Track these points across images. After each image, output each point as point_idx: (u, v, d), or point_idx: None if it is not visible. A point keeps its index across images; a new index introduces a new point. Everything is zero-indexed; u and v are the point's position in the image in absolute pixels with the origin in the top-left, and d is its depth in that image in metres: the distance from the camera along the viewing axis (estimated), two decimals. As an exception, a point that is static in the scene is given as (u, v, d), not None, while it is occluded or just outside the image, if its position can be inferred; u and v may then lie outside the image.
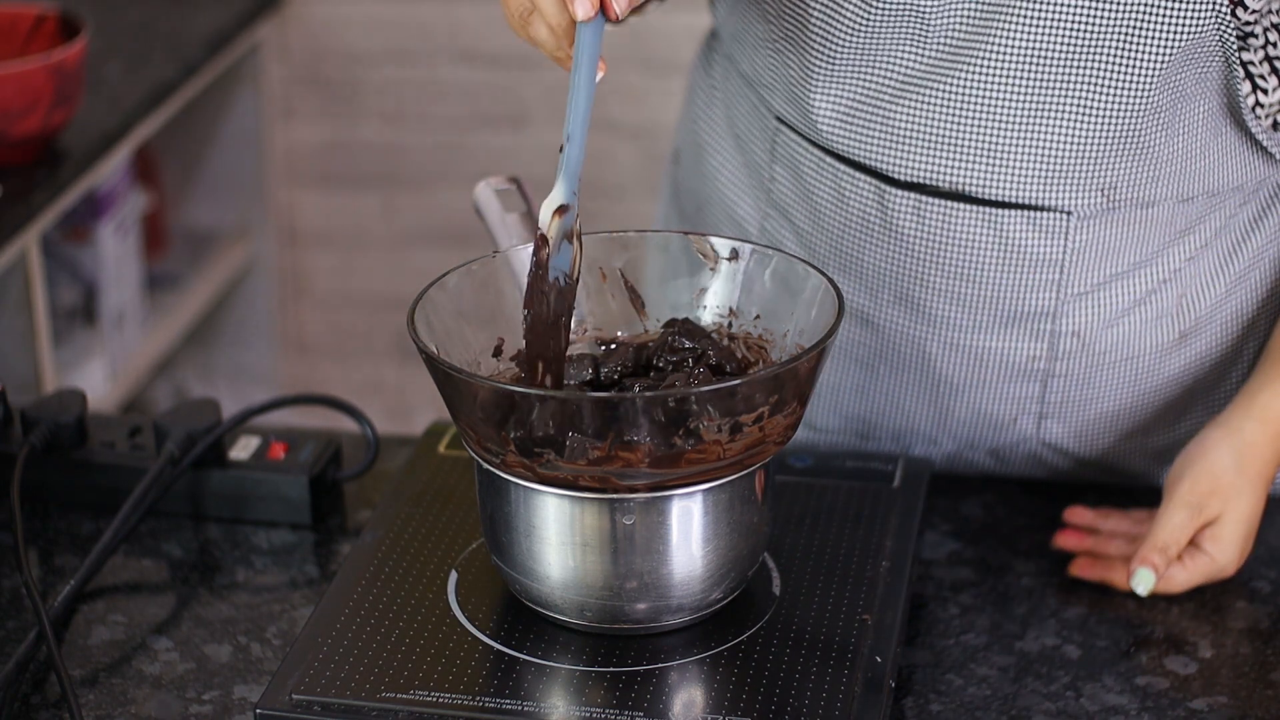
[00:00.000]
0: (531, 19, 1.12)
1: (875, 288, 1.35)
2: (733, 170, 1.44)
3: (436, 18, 2.97)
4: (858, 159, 1.31)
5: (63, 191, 2.23)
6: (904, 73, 1.27)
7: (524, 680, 1.12)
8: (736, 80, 1.42)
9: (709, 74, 1.48)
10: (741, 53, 1.39)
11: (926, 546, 1.32)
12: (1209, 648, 1.23)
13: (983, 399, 1.37)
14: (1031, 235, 1.29)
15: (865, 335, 1.38)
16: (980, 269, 1.31)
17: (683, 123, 1.53)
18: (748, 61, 1.38)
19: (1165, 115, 1.24)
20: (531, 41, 1.13)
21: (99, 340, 2.58)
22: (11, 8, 2.27)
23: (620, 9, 1.09)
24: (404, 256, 3.12)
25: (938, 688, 1.18)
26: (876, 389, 1.40)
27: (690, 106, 1.51)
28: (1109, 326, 1.34)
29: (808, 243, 1.38)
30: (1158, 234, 1.31)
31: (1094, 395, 1.37)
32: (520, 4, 1.12)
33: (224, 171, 2.94)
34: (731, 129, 1.44)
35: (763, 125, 1.39)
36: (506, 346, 1.22)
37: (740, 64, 1.40)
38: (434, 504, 1.29)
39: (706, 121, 1.47)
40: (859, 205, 1.33)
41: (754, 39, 1.35)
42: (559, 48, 1.12)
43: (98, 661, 1.21)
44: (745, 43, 1.37)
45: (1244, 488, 1.26)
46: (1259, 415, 1.28)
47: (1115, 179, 1.27)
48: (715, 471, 1.11)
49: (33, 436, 1.34)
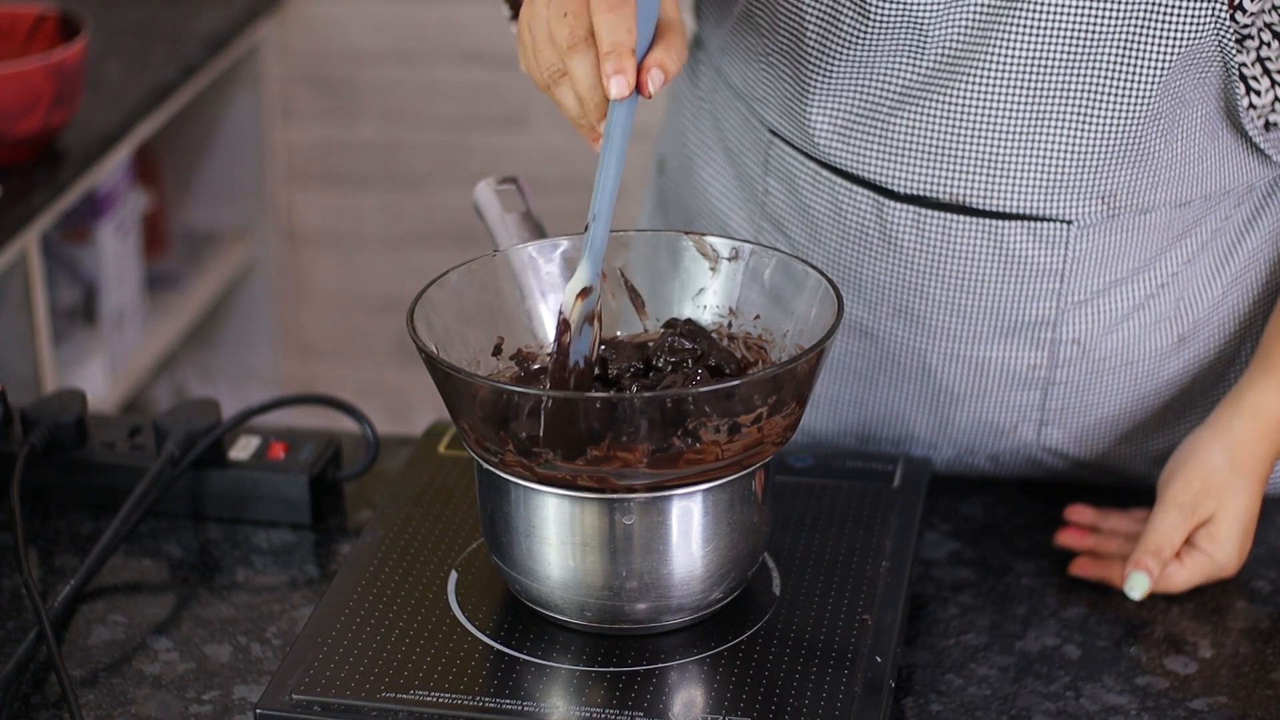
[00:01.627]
0: (561, 83, 1.08)
1: (874, 300, 1.35)
2: (724, 183, 1.43)
3: (436, 18, 2.97)
4: (855, 172, 1.31)
5: (63, 191, 2.23)
6: (902, 85, 1.26)
7: (524, 680, 1.12)
8: (725, 92, 1.41)
9: (695, 84, 1.46)
10: (731, 66, 1.38)
11: (926, 546, 1.32)
12: (1209, 648, 1.23)
13: (983, 408, 1.37)
14: (1032, 245, 1.29)
15: (864, 347, 1.38)
16: (980, 280, 1.31)
17: (667, 133, 1.51)
18: (738, 75, 1.37)
19: (1165, 121, 1.24)
20: (556, 102, 1.09)
21: (99, 340, 2.58)
22: (11, 8, 2.27)
23: (655, 87, 1.05)
24: (404, 256, 3.12)
25: (938, 688, 1.18)
26: (876, 400, 1.40)
27: (676, 118, 1.49)
28: (1109, 333, 1.33)
29: (804, 255, 1.37)
30: (1156, 239, 1.31)
31: (1094, 401, 1.36)
32: (551, 67, 1.08)
33: (224, 171, 2.94)
34: (722, 141, 1.42)
35: (755, 138, 1.38)
36: (506, 346, 1.22)
37: (730, 77, 1.39)
38: (434, 504, 1.29)
39: (695, 133, 1.46)
40: (857, 218, 1.32)
41: (745, 52, 1.34)
42: (583, 117, 1.08)
43: (98, 661, 1.21)
44: (735, 56, 1.36)
45: (1237, 485, 1.26)
46: (1248, 413, 1.28)
47: (1115, 187, 1.26)
48: (714, 472, 1.11)
49: (33, 436, 1.34)
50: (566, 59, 1.06)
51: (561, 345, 1.12)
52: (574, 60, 1.06)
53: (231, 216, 2.97)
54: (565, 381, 1.12)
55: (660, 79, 1.05)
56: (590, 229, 1.08)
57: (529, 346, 1.23)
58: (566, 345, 1.11)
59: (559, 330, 1.12)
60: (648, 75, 1.05)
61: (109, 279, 2.58)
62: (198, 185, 2.95)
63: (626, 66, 1.04)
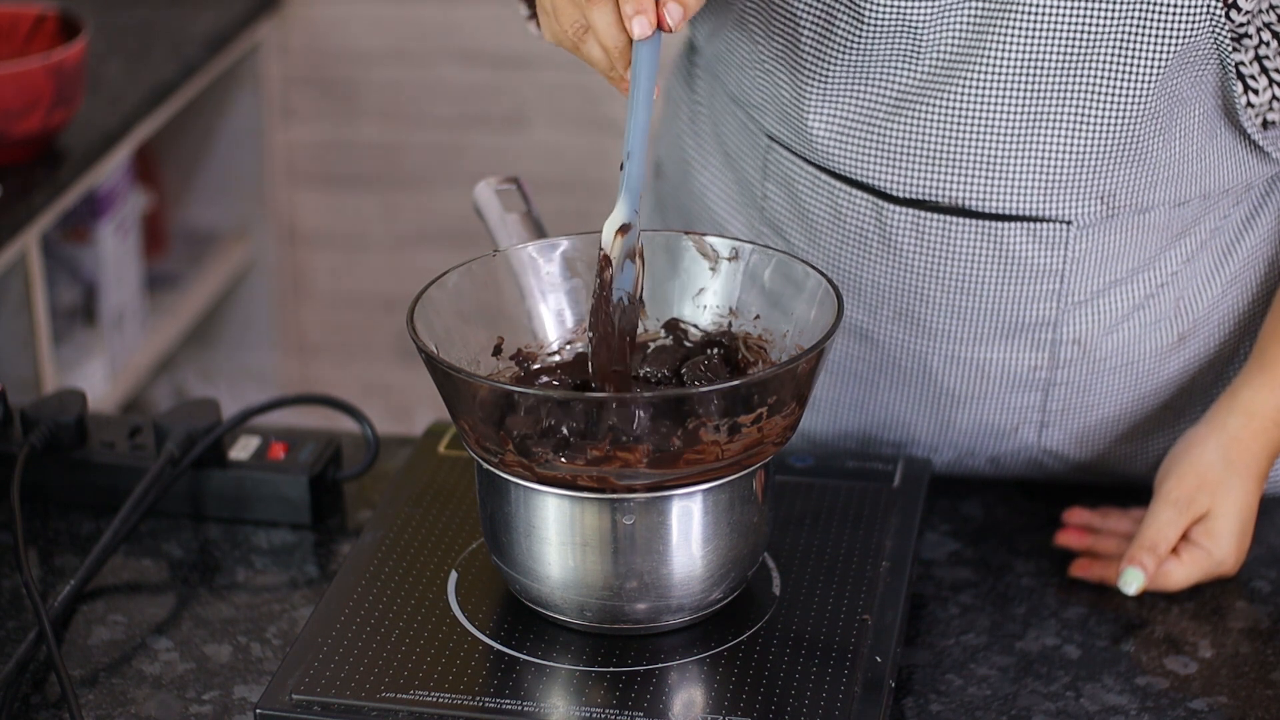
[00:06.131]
0: (585, 38, 1.12)
1: (874, 304, 1.35)
2: (723, 187, 1.43)
3: (436, 18, 2.97)
4: (854, 176, 1.31)
5: (63, 191, 2.23)
6: (899, 89, 1.26)
7: (524, 680, 1.12)
8: (722, 98, 1.41)
9: (692, 90, 1.46)
10: (727, 73, 1.38)
11: (926, 546, 1.32)
12: (1209, 648, 1.23)
13: (984, 410, 1.37)
14: (1031, 246, 1.29)
15: (864, 350, 1.38)
16: (980, 282, 1.31)
17: (664, 137, 1.52)
18: (734, 82, 1.37)
19: (1162, 120, 1.24)
20: (584, 59, 1.13)
21: (99, 340, 2.58)
22: (11, 8, 2.27)
23: (674, 21, 1.09)
24: (404, 256, 3.12)
25: (938, 688, 1.18)
26: (876, 403, 1.40)
27: (673, 122, 1.50)
28: (1109, 333, 1.33)
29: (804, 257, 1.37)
30: (1155, 238, 1.31)
31: (1095, 401, 1.37)
32: (574, 23, 1.12)
33: (224, 171, 2.94)
34: (720, 146, 1.43)
35: (753, 143, 1.38)
36: (506, 346, 1.22)
37: (727, 84, 1.39)
38: (434, 504, 1.29)
39: (692, 137, 1.46)
40: (856, 222, 1.32)
41: (740, 60, 1.34)
42: (612, 68, 1.12)
43: (98, 661, 1.21)
44: (731, 64, 1.36)
45: (1232, 481, 1.27)
46: (1243, 409, 1.28)
47: (1114, 187, 1.26)
48: (714, 472, 1.11)
49: (33, 436, 1.34)
50: (587, 13, 1.11)
51: (604, 280, 1.14)
52: (594, 12, 1.10)
53: (231, 216, 2.97)
54: (610, 316, 1.14)
55: (679, 13, 1.09)
56: (625, 166, 1.12)
57: (529, 346, 1.23)
58: (609, 280, 1.14)
59: (600, 266, 1.14)
60: (665, 10, 1.09)
61: (109, 279, 2.58)
62: (198, 185, 2.95)
63: (646, 6, 1.09)
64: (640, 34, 1.09)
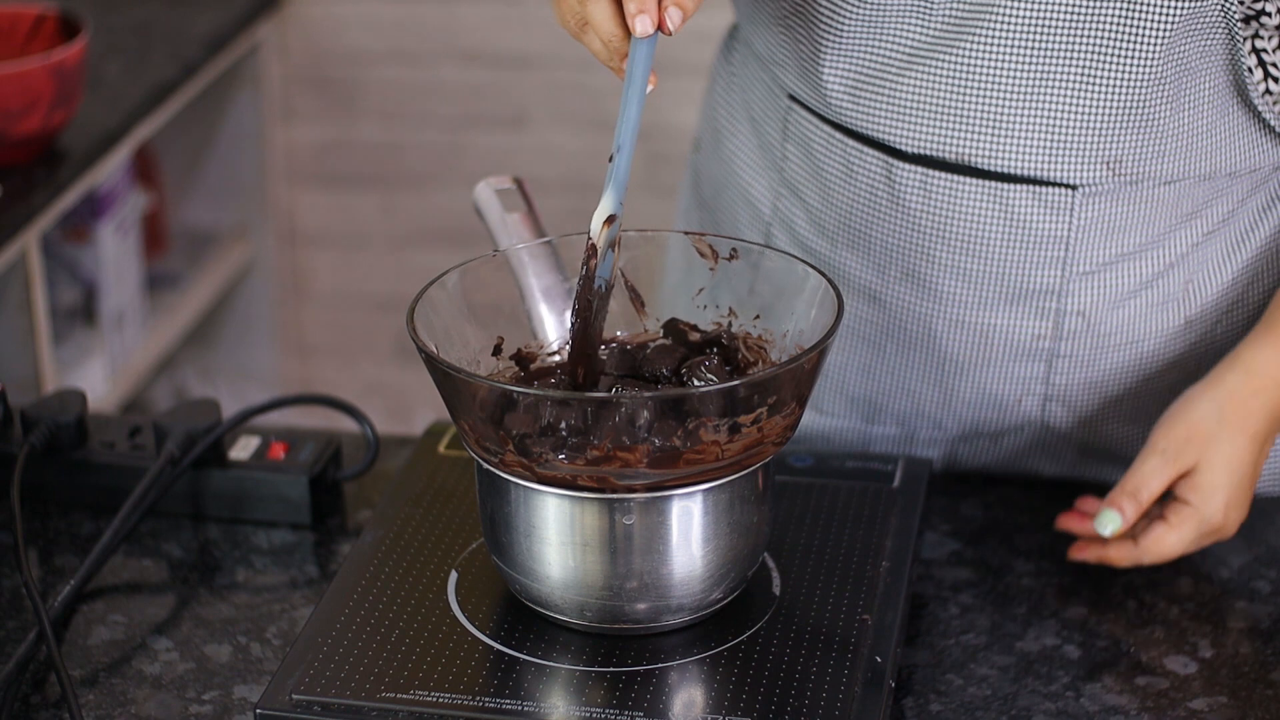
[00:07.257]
0: (586, 29, 1.15)
1: (883, 264, 1.37)
2: (749, 153, 1.46)
3: (436, 18, 2.97)
4: (866, 132, 1.33)
5: (63, 191, 2.23)
6: (911, 44, 1.28)
7: (524, 680, 1.12)
8: (753, 64, 1.45)
9: (729, 62, 1.51)
10: (755, 33, 1.42)
11: (926, 546, 1.32)
12: (1209, 648, 1.23)
13: (988, 378, 1.38)
14: (1037, 210, 1.30)
15: (873, 313, 1.39)
16: (986, 244, 1.32)
17: (703, 111, 1.56)
18: (761, 40, 1.41)
19: (1170, 88, 1.25)
20: (586, 46, 1.17)
21: (99, 340, 2.58)
22: (11, 8, 2.27)
23: (674, 24, 1.12)
24: (404, 256, 3.12)
25: (938, 688, 1.18)
26: (883, 368, 1.41)
27: (710, 94, 1.54)
28: (1115, 308, 1.34)
29: (818, 219, 1.39)
30: (1164, 215, 1.32)
31: (1099, 379, 1.37)
32: (574, 13, 1.15)
33: (224, 171, 2.94)
34: (748, 112, 1.46)
35: (775, 105, 1.42)
36: (506, 346, 1.22)
37: (755, 44, 1.43)
38: (434, 504, 1.29)
39: (725, 107, 1.50)
40: (867, 180, 1.34)
41: (766, 17, 1.38)
42: (611, 59, 1.15)
43: (98, 661, 1.21)
44: (759, 22, 1.40)
45: (1223, 436, 1.27)
46: (1243, 367, 1.29)
47: (1120, 152, 1.27)
48: (714, 472, 1.11)
49: (33, 436, 1.34)
50: (585, 6, 1.14)
51: (589, 269, 1.16)
52: (591, 8, 1.13)
53: (231, 216, 2.97)
54: (590, 303, 1.16)
55: (679, 16, 1.12)
56: (614, 160, 1.14)
57: (529, 346, 1.23)
58: (594, 269, 1.16)
59: (587, 255, 1.16)
60: (666, 13, 1.12)
61: (109, 279, 2.58)
62: (197, 185, 2.95)
63: (649, 6, 1.11)
64: (642, 32, 1.11)
